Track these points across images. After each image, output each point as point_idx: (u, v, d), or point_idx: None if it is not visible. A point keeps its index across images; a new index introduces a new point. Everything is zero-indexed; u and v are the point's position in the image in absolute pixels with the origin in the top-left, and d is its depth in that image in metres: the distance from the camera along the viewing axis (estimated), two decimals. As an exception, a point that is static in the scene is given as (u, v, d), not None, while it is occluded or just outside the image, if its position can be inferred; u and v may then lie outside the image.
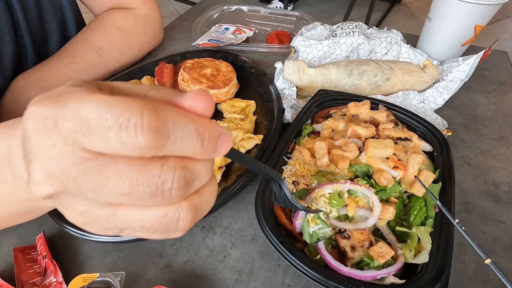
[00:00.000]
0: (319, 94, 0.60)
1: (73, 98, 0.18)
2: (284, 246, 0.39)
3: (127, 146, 0.17)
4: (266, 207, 0.43)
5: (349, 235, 0.41)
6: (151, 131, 0.17)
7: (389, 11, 3.12)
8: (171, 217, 0.20)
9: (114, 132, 0.17)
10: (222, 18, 0.98)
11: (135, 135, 0.17)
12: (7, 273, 0.43)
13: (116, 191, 0.18)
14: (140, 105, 0.17)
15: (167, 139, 0.18)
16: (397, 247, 0.41)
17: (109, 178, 0.18)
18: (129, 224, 0.20)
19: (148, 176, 0.19)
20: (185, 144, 0.19)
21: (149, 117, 0.17)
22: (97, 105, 0.17)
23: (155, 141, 0.17)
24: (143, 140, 0.17)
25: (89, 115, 0.17)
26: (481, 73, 0.71)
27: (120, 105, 0.17)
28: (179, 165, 0.19)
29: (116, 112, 0.17)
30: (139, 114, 0.17)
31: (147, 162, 0.19)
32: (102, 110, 0.17)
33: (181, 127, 0.18)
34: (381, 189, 0.44)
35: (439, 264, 0.38)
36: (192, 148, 0.19)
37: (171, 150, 0.19)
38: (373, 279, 0.38)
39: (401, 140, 0.50)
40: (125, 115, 0.17)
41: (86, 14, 0.77)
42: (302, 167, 0.48)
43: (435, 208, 0.44)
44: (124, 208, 0.20)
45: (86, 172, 0.18)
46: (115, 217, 0.20)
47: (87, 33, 0.70)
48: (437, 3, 0.71)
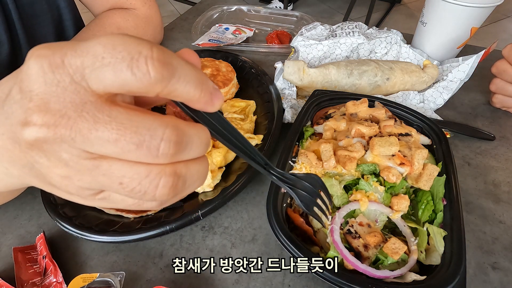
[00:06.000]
0: (315, 94, 0.60)
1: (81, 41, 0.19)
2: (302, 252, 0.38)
3: (137, 76, 0.18)
4: (279, 212, 0.42)
5: (359, 234, 0.41)
6: (160, 62, 0.18)
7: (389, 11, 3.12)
8: (152, 178, 0.20)
9: (126, 63, 0.18)
10: (222, 18, 0.98)
11: (146, 65, 0.18)
12: (7, 273, 0.43)
13: (103, 136, 0.18)
14: (149, 43, 0.19)
15: (173, 75, 0.19)
16: (412, 241, 0.41)
17: (99, 122, 0.18)
18: (109, 178, 0.20)
19: (138, 125, 0.19)
20: (186, 85, 0.20)
21: (158, 52, 0.19)
22: (111, 40, 0.18)
23: (162, 72, 0.18)
24: (152, 70, 0.18)
25: (103, 49, 0.18)
26: (481, 73, 0.71)
27: (132, 40, 0.19)
28: (172, 123, 0.20)
29: (129, 46, 0.18)
30: (149, 48, 0.18)
31: (141, 114, 0.19)
32: (116, 44, 0.18)
33: (183, 68, 0.20)
34: (391, 185, 0.45)
35: (455, 258, 0.38)
36: (192, 92, 0.20)
37: (174, 88, 0.19)
38: (387, 278, 0.38)
39: (403, 136, 0.50)
40: (137, 48, 0.18)
41: (86, 14, 0.77)
42: (309, 171, 0.48)
43: (442, 201, 0.44)
44: (108, 160, 0.20)
45: (82, 113, 0.18)
46: (98, 169, 0.20)
47: (87, 33, 0.70)
48: (431, 7, 0.70)
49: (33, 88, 0.19)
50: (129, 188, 0.20)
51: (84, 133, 0.18)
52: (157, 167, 0.20)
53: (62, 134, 0.18)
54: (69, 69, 0.18)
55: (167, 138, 0.19)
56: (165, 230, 0.44)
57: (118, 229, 0.45)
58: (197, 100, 0.21)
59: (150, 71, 0.18)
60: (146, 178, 0.20)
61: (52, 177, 0.21)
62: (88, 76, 0.18)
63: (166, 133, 0.19)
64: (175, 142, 0.20)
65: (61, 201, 0.48)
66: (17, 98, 0.19)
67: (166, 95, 0.20)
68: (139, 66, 0.18)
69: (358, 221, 0.43)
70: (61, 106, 0.18)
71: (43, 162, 0.20)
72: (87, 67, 0.18)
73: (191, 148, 0.21)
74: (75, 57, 0.18)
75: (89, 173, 0.20)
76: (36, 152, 0.20)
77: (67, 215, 0.46)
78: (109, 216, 0.48)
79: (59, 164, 0.20)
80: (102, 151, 0.19)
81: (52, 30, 0.68)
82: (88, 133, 0.18)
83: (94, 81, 0.18)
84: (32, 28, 0.63)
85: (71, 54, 0.18)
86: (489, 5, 0.65)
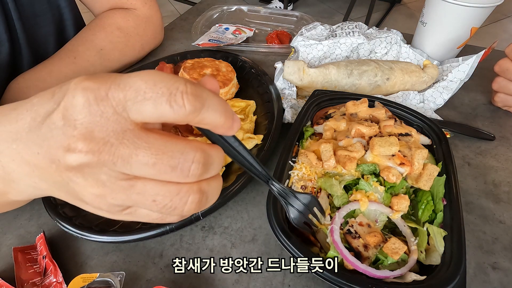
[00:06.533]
0: (315, 94, 0.60)
1: (122, 76, 0.21)
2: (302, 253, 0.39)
3: (174, 109, 0.21)
4: (279, 212, 0.42)
5: (359, 234, 0.41)
6: (194, 96, 0.21)
7: (389, 11, 3.12)
8: (182, 195, 0.22)
9: (165, 98, 0.20)
10: (222, 18, 0.98)
11: (182, 100, 0.21)
12: (7, 273, 0.43)
13: (143, 160, 0.21)
14: (183, 80, 0.21)
15: (203, 106, 0.21)
16: (411, 241, 0.41)
17: (139, 148, 0.21)
18: (142, 197, 0.22)
19: (173, 149, 0.22)
20: (213, 114, 0.22)
21: (191, 87, 0.21)
22: (152, 76, 0.21)
23: (195, 104, 0.21)
24: (187, 103, 0.21)
25: (145, 85, 0.21)
26: (481, 73, 0.71)
27: (169, 77, 0.21)
28: (200, 148, 0.23)
29: (168, 83, 0.21)
30: (184, 84, 0.21)
31: (173, 139, 0.22)
32: (156, 81, 0.21)
33: (211, 99, 0.22)
34: (391, 185, 0.45)
35: (455, 258, 0.38)
36: (218, 119, 0.23)
37: (203, 117, 0.22)
38: (387, 278, 0.38)
39: (402, 136, 0.50)
40: (174, 85, 0.21)
41: (86, 14, 0.77)
42: (309, 171, 0.48)
43: (442, 201, 0.45)
44: (143, 181, 0.22)
45: (123, 140, 0.21)
46: (133, 188, 0.22)
47: (87, 33, 0.70)
48: (431, 7, 0.70)
49: (78, 118, 0.21)
50: (162, 205, 0.22)
51: (125, 158, 0.21)
52: (186, 185, 0.23)
53: (105, 159, 0.21)
54: (112, 102, 0.21)
55: (197, 161, 0.22)
56: (165, 230, 0.44)
57: (118, 229, 0.45)
58: (221, 126, 0.23)
59: (186, 104, 0.21)
60: (177, 195, 0.22)
61: (85, 195, 0.23)
62: (130, 108, 0.21)
63: (196, 156, 0.22)
64: (203, 164, 0.22)
65: (61, 201, 0.48)
66: (59, 124, 0.21)
67: (196, 123, 0.22)
68: (177, 100, 0.20)
69: (358, 221, 0.43)
70: (104, 134, 0.21)
71: (79, 182, 0.22)
72: (129, 100, 0.21)
73: (213, 168, 0.23)
74: (118, 91, 0.21)
75: (124, 192, 0.22)
76: (74, 173, 0.22)
77: (67, 215, 0.46)
78: (109, 216, 0.48)
79: (95, 184, 0.22)
80: (139, 173, 0.21)
81: (53, 30, 0.68)
82: (129, 158, 0.21)
83: (135, 112, 0.21)
84: (32, 28, 0.63)
85: (115, 88, 0.21)
86: (489, 5, 0.65)
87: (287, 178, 0.47)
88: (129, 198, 0.22)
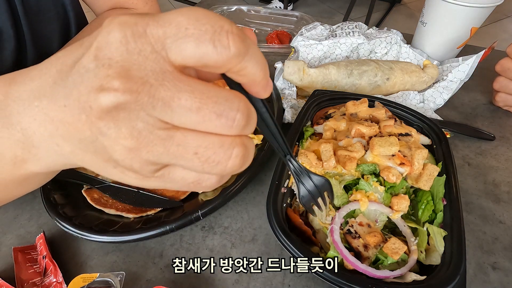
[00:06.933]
0: (315, 94, 0.60)
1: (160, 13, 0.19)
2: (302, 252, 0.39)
3: (218, 49, 0.18)
4: (279, 212, 0.42)
5: (359, 234, 0.41)
6: (240, 37, 0.19)
7: (389, 11, 3.12)
8: (226, 148, 0.20)
9: (209, 36, 0.18)
10: (222, 18, 0.98)
11: (227, 39, 0.18)
12: (7, 273, 0.43)
13: (186, 104, 0.19)
14: (229, 20, 0.19)
15: (247, 52, 0.19)
16: (411, 241, 0.41)
17: (182, 91, 0.19)
18: (183, 149, 0.20)
19: (218, 95, 0.19)
20: (255, 64, 0.20)
21: (237, 29, 0.19)
22: (194, 12, 0.19)
23: (240, 47, 0.19)
24: (233, 44, 0.19)
25: (187, 21, 0.18)
26: (481, 73, 0.71)
27: (214, 15, 0.19)
28: (243, 98, 0.20)
29: (212, 20, 0.19)
30: (230, 24, 0.19)
31: (215, 85, 0.20)
32: (199, 16, 0.19)
33: (254, 48, 0.20)
34: (391, 186, 0.45)
35: (455, 258, 0.38)
36: (258, 73, 0.21)
37: (245, 66, 0.20)
38: (387, 278, 0.38)
39: (403, 136, 0.50)
40: (219, 23, 0.19)
41: (88, 13, 0.77)
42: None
43: (442, 201, 0.45)
44: (182, 131, 0.20)
45: (163, 82, 0.18)
46: (172, 139, 0.20)
47: (87, 32, 0.70)
48: (431, 7, 0.70)
49: (113, 56, 0.18)
50: (205, 157, 0.20)
51: (167, 101, 0.18)
52: (229, 138, 0.20)
53: (143, 101, 0.18)
54: (151, 39, 0.18)
55: (242, 111, 0.20)
56: (165, 230, 0.44)
57: (118, 229, 0.45)
58: (258, 83, 0.21)
59: (231, 46, 0.19)
60: (221, 148, 0.20)
61: (116, 150, 0.20)
62: (169, 46, 0.19)
63: (241, 106, 0.20)
64: (247, 115, 0.20)
65: (61, 201, 0.48)
66: (90, 67, 0.19)
67: (236, 71, 0.20)
68: (221, 39, 0.18)
69: (358, 221, 0.43)
70: (143, 74, 0.18)
71: (111, 134, 0.19)
72: (169, 37, 0.18)
73: (252, 123, 0.21)
74: (157, 27, 0.18)
75: (162, 143, 0.19)
76: (106, 122, 0.19)
77: (67, 215, 0.46)
78: (109, 216, 0.48)
79: (130, 134, 0.19)
80: (181, 120, 0.19)
81: (58, 28, 0.68)
82: (170, 101, 0.18)
83: (174, 51, 0.19)
84: (37, 24, 0.63)
85: (153, 24, 0.19)
86: (489, 5, 0.65)
87: (287, 178, 0.47)
88: (168, 152, 0.20)
